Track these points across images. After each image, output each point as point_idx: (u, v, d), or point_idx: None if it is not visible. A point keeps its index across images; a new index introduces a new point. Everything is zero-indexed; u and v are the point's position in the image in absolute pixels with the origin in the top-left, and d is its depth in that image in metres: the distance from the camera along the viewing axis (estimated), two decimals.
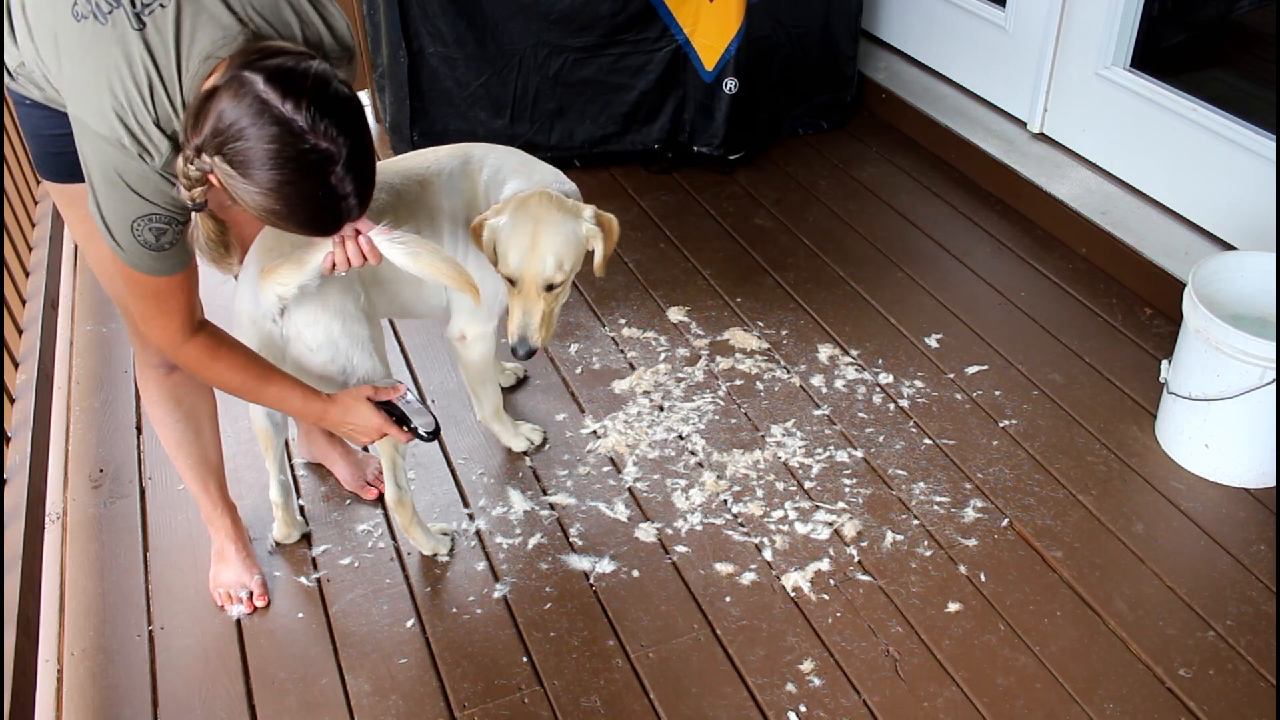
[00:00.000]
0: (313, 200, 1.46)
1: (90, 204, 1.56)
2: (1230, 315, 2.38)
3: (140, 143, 1.49)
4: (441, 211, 2.15)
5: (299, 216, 1.48)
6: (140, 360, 2.01)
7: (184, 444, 2.09)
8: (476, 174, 2.19)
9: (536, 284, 2.07)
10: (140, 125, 1.48)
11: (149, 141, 1.49)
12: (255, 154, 1.40)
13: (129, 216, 1.52)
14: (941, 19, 3.81)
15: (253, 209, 1.47)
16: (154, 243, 1.54)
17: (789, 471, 2.47)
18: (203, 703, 2.00)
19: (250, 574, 2.19)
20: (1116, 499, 2.39)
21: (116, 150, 1.49)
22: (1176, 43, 3.63)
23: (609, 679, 2.02)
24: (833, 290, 3.09)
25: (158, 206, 1.52)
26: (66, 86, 1.51)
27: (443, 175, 2.16)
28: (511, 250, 2.05)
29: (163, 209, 1.53)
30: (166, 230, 1.55)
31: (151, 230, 1.53)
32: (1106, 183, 3.27)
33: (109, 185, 1.51)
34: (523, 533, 2.33)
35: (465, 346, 2.33)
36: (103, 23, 1.45)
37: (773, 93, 3.72)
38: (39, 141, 1.72)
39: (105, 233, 1.56)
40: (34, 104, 1.67)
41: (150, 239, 1.54)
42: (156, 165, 1.50)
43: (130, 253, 1.56)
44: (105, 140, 1.48)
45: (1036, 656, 2.05)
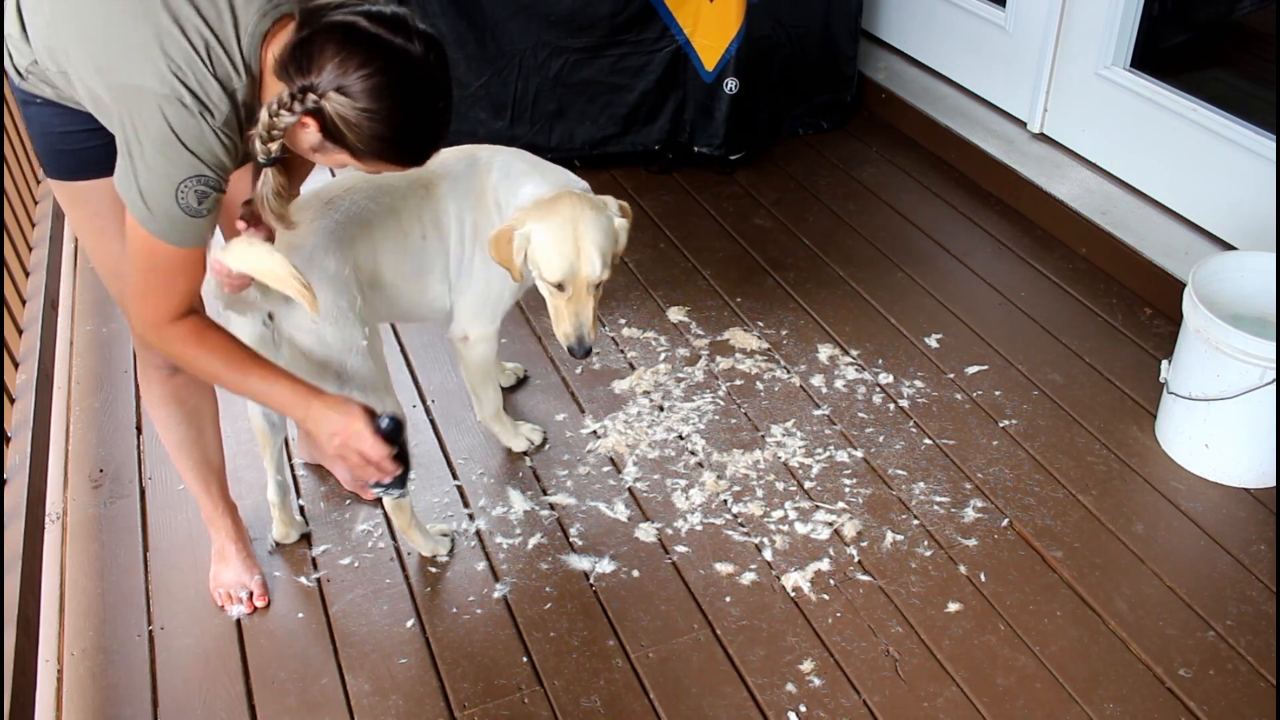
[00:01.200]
0: (421, 127, 1.57)
1: (123, 177, 1.55)
2: (1230, 315, 2.37)
3: (201, 100, 1.51)
4: (448, 214, 2.15)
5: (406, 143, 1.57)
6: (143, 361, 2.00)
7: (186, 445, 2.08)
8: (484, 175, 2.18)
9: (587, 285, 2.08)
10: (200, 84, 1.50)
11: (208, 99, 1.51)
12: (377, 85, 1.48)
13: (177, 179, 1.53)
14: (941, 19, 3.82)
15: (363, 141, 1.52)
16: (195, 207, 1.55)
17: (789, 471, 2.47)
18: (203, 703, 2.00)
19: (250, 574, 2.19)
20: (1116, 499, 2.39)
21: (176, 109, 1.50)
22: (1177, 43, 3.63)
23: (609, 679, 2.02)
24: (833, 290, 3.09)
25: (208, 168, 1.54)
26: (110, 59, 1.51)
27: (449, 178, 2.15)
28: (556, 257, 2.04)
29: (211, 172, 1.55)
30: (209, 195, 1.56)
31: (196, 193, 1.54)
32: (1106, 183, 3.28)
33: (161, 146, 1.51)
34: (523, 533, 2.33)
35: (467, 347, 2.33)
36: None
37: (773, 93, 3.72)
38: (49, 140, 1.72)
39: (139, 202, 1.55)
40: (45, 102, 1.67)
41: (193, 203, 1.55)
42: (216, 123, 1.53)
43: (164, 220, 1.56)
44: (165, 99, 1.49)
45: (1036, 656, 2.05)
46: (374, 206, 2.07)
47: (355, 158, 1.57)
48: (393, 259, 2.10)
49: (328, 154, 1.59)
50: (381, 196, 2.09)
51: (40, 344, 2.67)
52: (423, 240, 2.15)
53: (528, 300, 2.79)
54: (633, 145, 3.65)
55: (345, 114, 1.49)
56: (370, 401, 2.01)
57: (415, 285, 2.19)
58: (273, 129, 1.52)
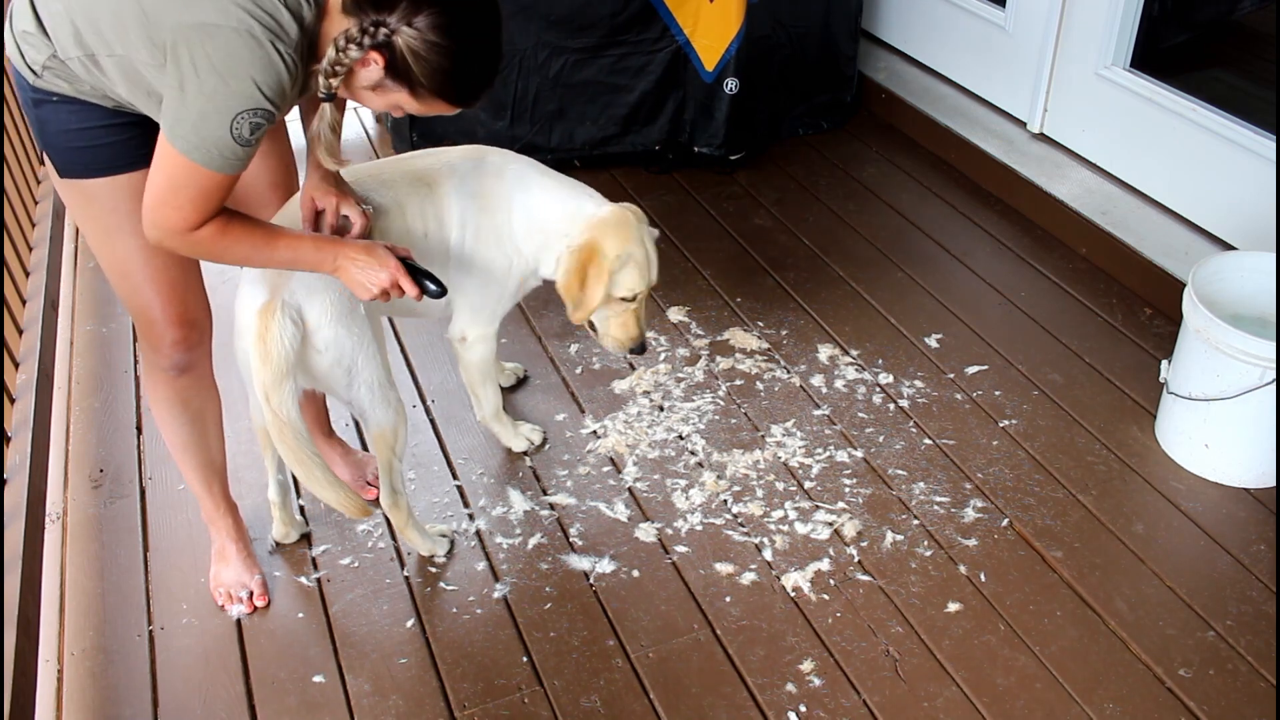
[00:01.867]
0: (481, 64, 1.63)
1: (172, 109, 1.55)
2: (1230, 315, 2.37)
3: (271, 29, 1.52)
4: (451, 213, 2.15)
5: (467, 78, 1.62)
6: (148, 363, 2.00)
7: (190, 446, 2.08)
8: (494, 180, 2.18)
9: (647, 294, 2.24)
10: (272, 13, 1.53)
11: (280, 26, 1.53)
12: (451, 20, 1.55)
13: (235, 109, 1.54)
14: (941, 19, 3.82)
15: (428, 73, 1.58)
16: (246, 137, 1.57)
17: (789, 471, 2.47)
18: (203, 703, 2.00)
19: (251, 574, 2.19)
20: (1116, 499, 2.39)
21: (245, 40, 1.51)
22: (1177, 43, 3.63)
23: (609, 679, 2.02)
24: (833, 290, 3.09)
25: (267, 100, 1.55)
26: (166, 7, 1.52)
27: (454, 177, 2.15)
28: (636, 275, 2.19)
29: (269, 104, 1.56)
30: (262, 126, 1.58)
31: (250, 124, 1.56)
32: (1106, 183, 3.28)
33: (222, 78, 1.52)
34: (523, 533, 2.33)
35: (466, 348, 2.33)
36: None
37: (773, 93, 3.72)
38: (64, 138, 1.71)
39: (189, 131, 1.55)
40: (61, 99, 1.67)
41: (245, 133, 1.56)
42: (287, 49, 1.55)
43: (211, 148, 1.56)
44: (234, 31, 1.50)
45: (1036, 656, 2.05)
46: (379, 200, 2.07)
47: (413, 94, 1.61)
48: None
49: (384, 93, 1.62)
50: (385, 191, 2.09)
51: (40, 344, 2.67)
52: (424, 238, 2.15)
53: (528, 300, 2.79)
54: (633, 145, 3.65)
55: (415, 46, 1.55)
56: (376, 398, 2.01)
57: None
58: (338, 64, 1.56)
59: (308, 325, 1.91)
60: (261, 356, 1.87)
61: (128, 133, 1.72)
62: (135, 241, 1.78)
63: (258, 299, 1.90)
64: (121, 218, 1.77)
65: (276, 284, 1.89)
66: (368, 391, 2.01)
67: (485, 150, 2.24)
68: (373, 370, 2.00)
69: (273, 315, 1.86)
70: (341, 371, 1.96)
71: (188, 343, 1.94)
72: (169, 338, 1.91)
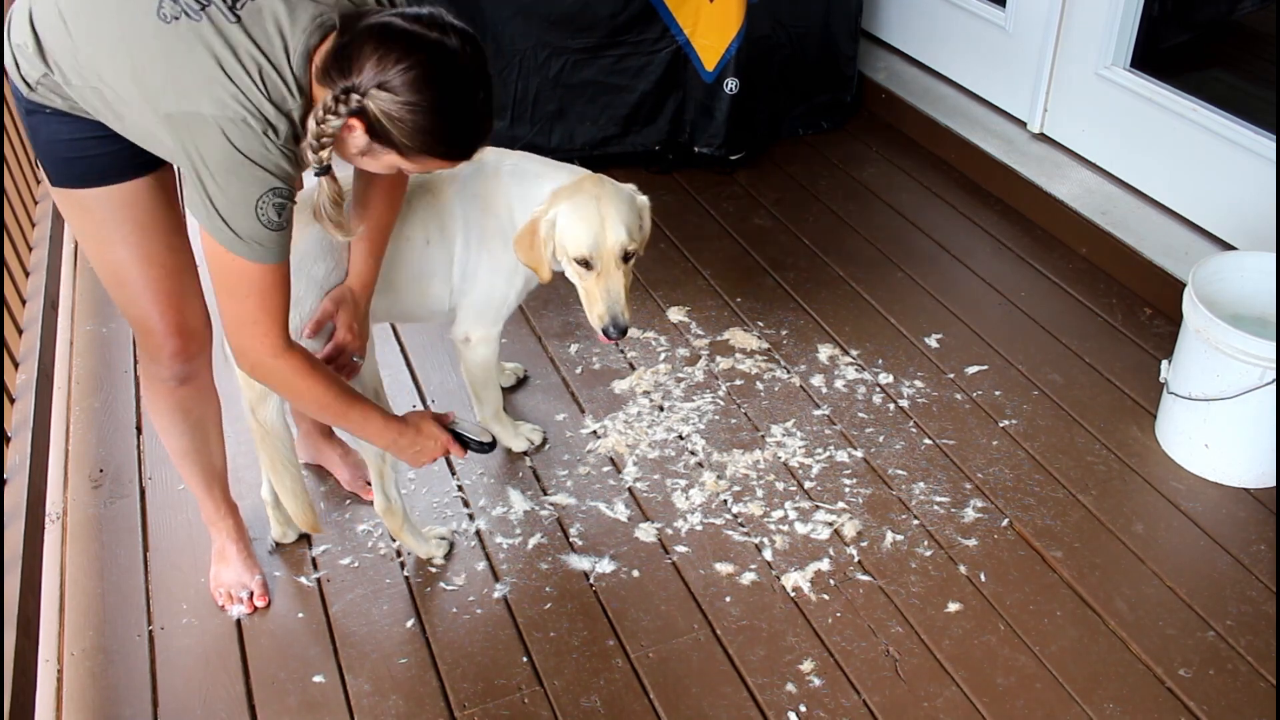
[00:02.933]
0: (465, 118, 1.58)
1: (200, 206, 1.56)
2: (1230, 315, 2.37)
3: (263, 119, 1.52)
4: (455, 218, 2.15)
5: (452, 135, 1.58)
6: (148, 374, 1.98)
7: (190, 453, 2.07)
8: (492, 179, 2.18)
9: (615, 256, 2.07)
10: (258, 106, 1.52)
11: (267, 120, 1.53)
12: (416, 78, 1.50)
13: (254, 195, 1.54)
14: (941, 19, 3.82)
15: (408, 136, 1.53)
16: (276, 220, 1.57)
17: (789, 471, 2.47)
18: (203, 703, 2.00)
19: (251, 574, 2.19)
20: (1116, 499, 2.39)
21: (240, 129, 1.51)
22: (1177, 43, 3.63)
23: (609, 679, 2.02)
24: (833, 290, 3.09)
25: (278, 180, 1.56)
26: (162, 86, 1.52)
27: (456, 181, 2.15)
28: (581, 230, 2.05)
29: (283, 184, 1.57)
30: (285, 206, 1.59)
31: (274, 206, 1.56)
32: (1106, 183, 3.28)
33: (231, 168, 1.52)
34: (523, 533, 2.33)
35: (469, 349, 2.33)
36: (197, 20, 1.50)
37: (773, 93, 3.72)
38: (56, 148, 1.70)
39: (223, 228, 1.56)
40: (54, 112, 1.66)
41: (273, 216, 1.57)
42: (279, 141, 1.55)
43: (251, 239, 1.57)
44: (229, 122, 1.50)
45: (1036, 656, 2.05)
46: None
47: (402, 155, 1.58)
48: (392, 264, 2.10)
49: (376, 156, 1.60)
50: None
51: (40, 344, 2.67)
52: (426, 245, 2.15)
53: (528, 301, 2.79)
54: (633, 146, 3.65)
55: (389, 109, 1.51)
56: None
57: (415, 289, 2.19)
58: (321, 136, 1.53)
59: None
60: (243, 379, 1.91)
61: (121, 143, 1.69)
62: (130, 251, 1.77)
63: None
64: (115, 227, 1.75)
65: None
66: None
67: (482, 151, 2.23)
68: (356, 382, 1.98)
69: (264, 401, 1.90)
70: None
71: (186, 353, 1.91)
72: (168, 348, 1.89)
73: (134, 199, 1.74)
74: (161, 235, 1.79)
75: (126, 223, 1.74)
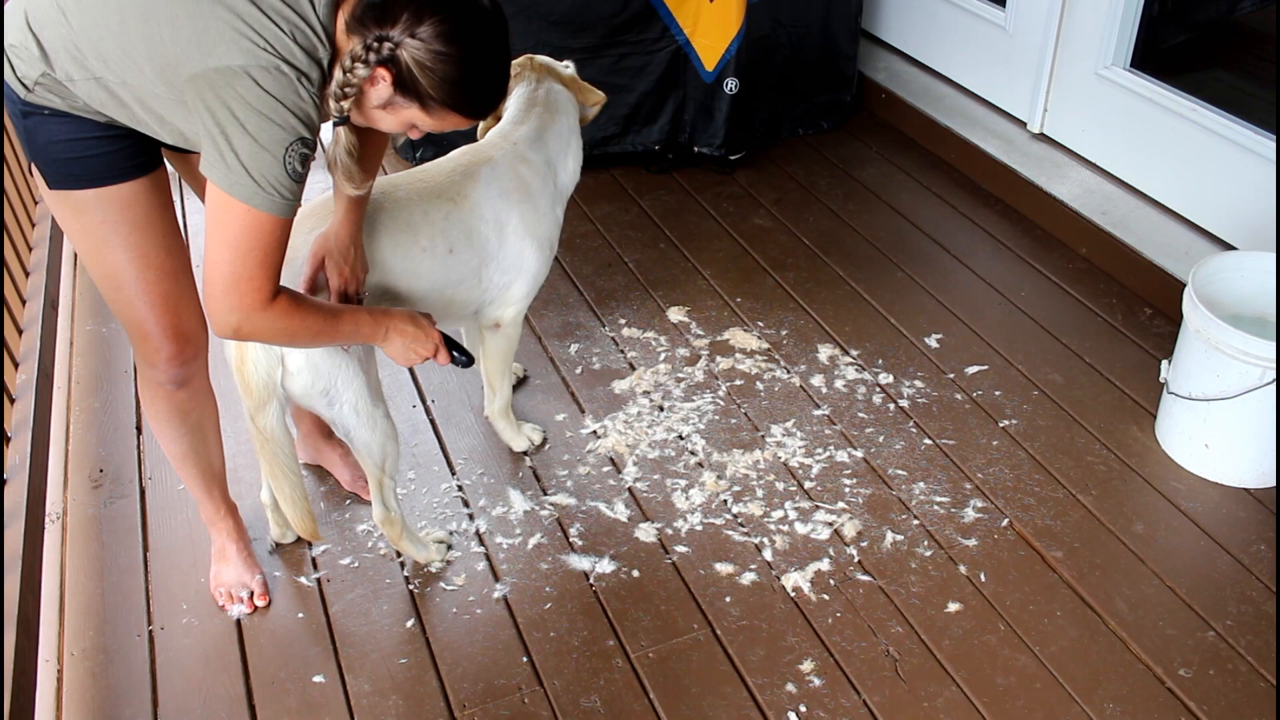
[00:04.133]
0: (490, 72, 1.63)
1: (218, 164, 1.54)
2: (1230, 315, 2.38)
3: (295, 67, 1.53)
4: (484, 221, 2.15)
5: (477, 87, 1.62)
6: (145, 378, 1.97)
7: (189, 455, 2.07)
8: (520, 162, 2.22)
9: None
10: (290, 55, 1.53)
11: (298, 69, 1.54)
12: (453, 29, 1.55)
13: (285, 142, 1.55)
14: (941, 19, 3.82)
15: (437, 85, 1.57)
16: (299, 171, 1.58)
17: (789, 471, 2.47)
18: (203, 703, 2.00)
19: (251, 574, 2.19)
20: (1116, 499, 2.39)
21: (274, 76, 1.52)
22: (1177, 43, 3.63)
23: (609, 679, 2.02)
24: (833, 290, 3.09)
25: (307, 130, 1.57)
26: (184, 50, 1.52)
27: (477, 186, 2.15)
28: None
29: (310, 134, 1.59)
30: (308, 158, 1.60)
31: (300, 156, 1.57)
32: (1106, 183, 3.28)
33: (264, 115, 1.52)
34: (523, 533, 2.33)
35: (499, 335, 2.32)
36: None
37: (773, 93, 3.72)
38: (54, 149, 1.69)
39: (245, 179, 1.55)
40: (53, 112, 1.65)
41: (298, 166, 1.57)
42: (313, 89, 1.56)
43: (273, 190, 1.56)
44: (261, 70, 1.51)
45: (1036, 656, 2.05)
46: (384, 219, 2.03)
47: (424, 108, 1.61)
48: (412, 276, 2.08)
49: (396, 110, 1.62)
50: (399, 211, 2.05)
51: (40, 344, 2.67)
52: (449, 254, 2.11)
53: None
54: (633, 145, 3.65)
55: (421, 58, 1.54)
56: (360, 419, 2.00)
57: (439, 298, 2.16)
58: (347, 85, 1.56)
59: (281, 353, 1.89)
60: (242, 386, 1.91)
61: (119, 144, 1.69)
62: (126, 254, 1.76)
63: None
64: (112, 229, 1.74)
65: None
66: (351, 412, 1.97)
67: (477, 149, 2.23)
68: (355, 391, 1.96)
69: (246, 344, 1.87)
70: (318, 393, 1.93)
71: (183, 357, 1.90)
72: (164, 352, 1.88)
73: (131, 200, 1.74)
74: (158, 237, 1.79)
75: (124, 224, 1.74)
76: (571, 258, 3.22)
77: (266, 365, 1.88)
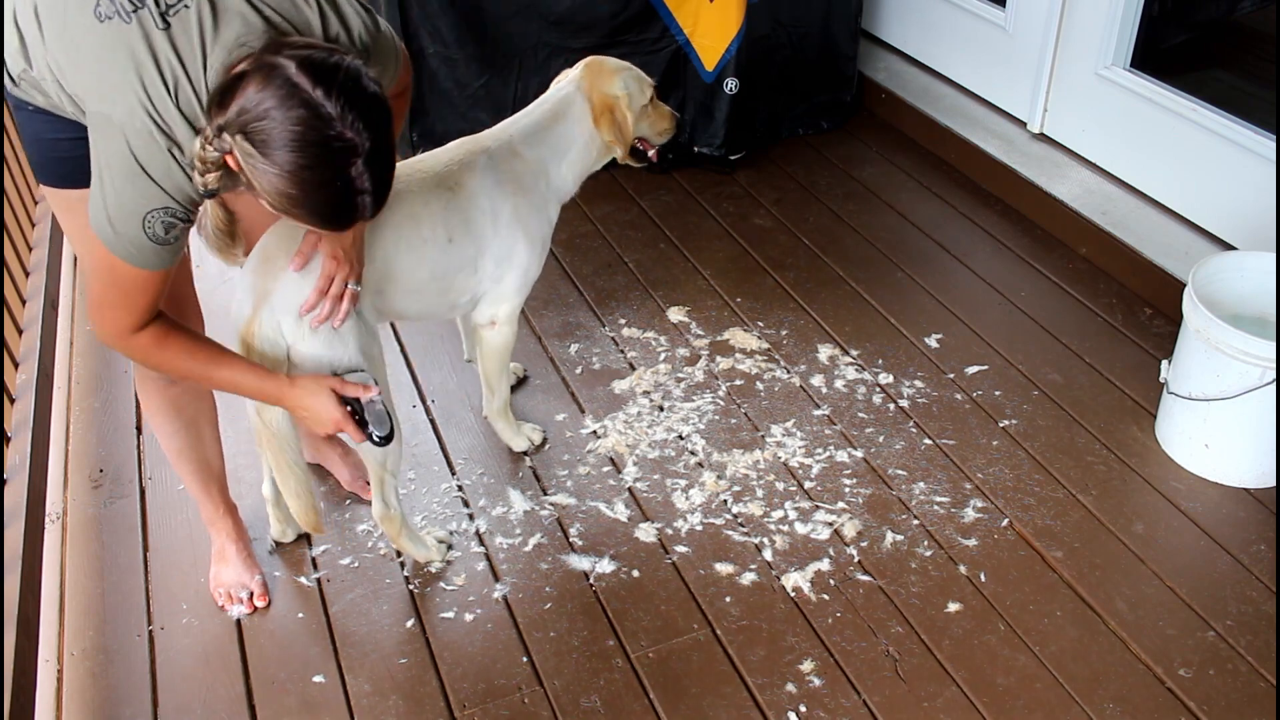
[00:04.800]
0: (330, 189, 1.47)
1: (94, 198, 1.55)
2: (1230, 315, 2.37)
3: (169, 136, 1.50)
4: (481, 210, 2.15)
5: (313, 204, 1.48)
6: (140, 373, 1.99)
7: (185, 451, 2.08)
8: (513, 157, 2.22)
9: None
10: (168, 120, 1.49)
11: (174, 135, 1.50)
12: (279, 135, 1.41)
13: (144, 209, 1.52)
14: (941, 19, 3.81)
15: (269, 194, 1.48)
16: (162, 236, 1.55)
17: (789, 471, 2.47)
18: (203, 703, 2.00)
19: (251, 574, 2.19)
20: (1116, 499, 2.39)
21: (146, 142, 1.49)
22: (1177, 43, 3.63)
23: (609, 679, 2.02)
24: (833, 290, 3.09)
25: (175, 202, 1.54)
26: (89, 85, 1.51)
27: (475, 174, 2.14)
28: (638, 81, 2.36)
29: (179, 204, 1.55)
30: (175, 225, 1.56)
31: (163, 224, 1.54)
32: (1106, 183, 3.28)
33: (129, 176, 1.51)
34: (523, 533, 2.33)
35: (495, 332, 2.33)
36: (127, 22, 1.47)
37: (773, 93, 3.72)
38: (39, 147, 1.71)
39: (105, 225, 1.55)
40: (36, 110, 1.66)
41: (160, 232, 1.54)
42: (184, 159, 1.51)
43: (129, 244, 1.55)
44: (135, 132, 1.49)
45: (1036, 656, 2.05)
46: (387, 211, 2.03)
47: (270, 208, 1.52)
48: (413, 265, 2.08)
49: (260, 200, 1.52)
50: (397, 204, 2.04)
51: (40, 344, 2.67)
52: (449, 243, 2.12)
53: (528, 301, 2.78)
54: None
55: (247, 162, 1.45)
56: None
57: (437, 287, 2.17)
58: (202, 159, 1.48)
59: (287, 339, 1.88)
60: None
61: None
62: None
63: (243, 314, 1.88)
64: None
65: (260, 298, 1.87)
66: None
67: (478, 139, 2.23)
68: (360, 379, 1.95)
69: (254, 335, 1.87)
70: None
71: None
72: None
73: None
74: None
75: None
76: (571, 258, 3.22)
77: (273, 360, 1.88)
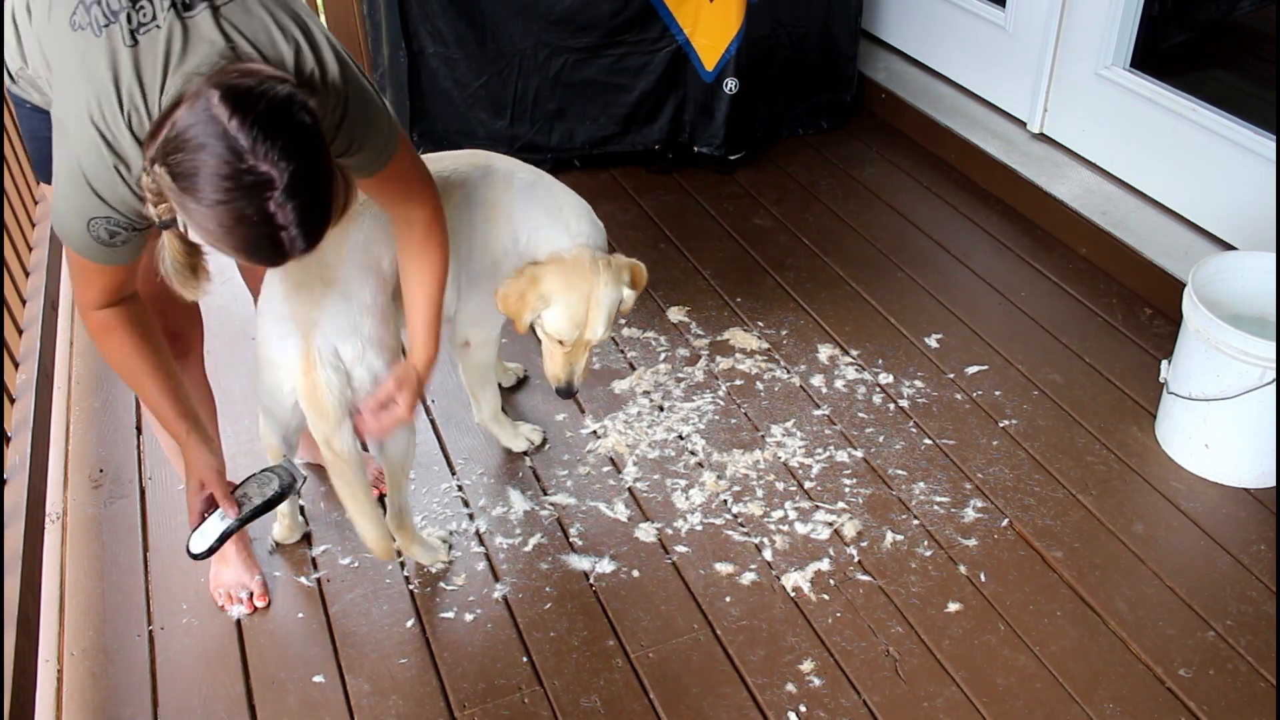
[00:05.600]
0: (248, 224, 1.39)
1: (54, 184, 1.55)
2: (1230, 315, 2.37)
3: (117, 153, 1.47)
4: (462, 223, 2.12)
5: (235, 240, 1.41)
6: None
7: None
8: (503, 188, 2.16)
9: (588, 346, 2.18)
10: (118, 139, 1.46)
11: (124, 155, 1.47)
12: (192, 167, 1.35)
13: (87, 215, 1.51)
14: (941, 19, 3.81)
15: (194, 227, 1.43)
16: (106, 239, 1.54)
17: (789, 471, 2.47)
18: (203, 703, 2.00)
19: (251, 574, 2.19)
20: (1116, 499, 2.39)
21: (92, 156, 1.47)
22: (1177, 43, 3.63)
23: (609, 679, 2.02)
24: (833, 290, 3.09)
25: (118, 213, 1.51)
26: (56, 88, 1.51)
27: (464, 186, 2.13)
28: (565, 323, 2.13)
29: (123, 216, 1.51)
30: (121, 233, 1.54)
31: (107, 230, 1.52)
32: (1106, 183, 3.28)
33: (75, 183, 1.49)
34: (523, 533, 2.33)
35: (468, 353, 2.33)
36: (97, 35, 1.45)
37: (773, 93, 3.72)
38: (38, 144, 1.72)
39: (58, 215, 1.54)
40: (34, 107, 1.67)
41: (104, 236, 1.53)
42: (131, 178, 1.48)
43: (78, 240, 1.55)
44: (84, 146, 1.47)
45: (1036, 656, 2.05)
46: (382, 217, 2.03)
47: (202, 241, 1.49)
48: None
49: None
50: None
51: (40, 344, 2.67)
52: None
53: None
54: (633, 145, 3.65)
55: (170, 192, 1.40)
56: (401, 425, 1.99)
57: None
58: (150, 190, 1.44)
59: (345, 364, 1.89)
60: (318, 412, 1.89)
61: None
62: None
63: (291, 348, 1.87)
64: None
65: (306, 328, 1.86)
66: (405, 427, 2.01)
67: (491, 157, 2.21)
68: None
69: (315, 368, 1.86)
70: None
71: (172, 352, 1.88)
72: None
73: None
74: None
75: None
76: None
77: (339, 386, 1.88)
